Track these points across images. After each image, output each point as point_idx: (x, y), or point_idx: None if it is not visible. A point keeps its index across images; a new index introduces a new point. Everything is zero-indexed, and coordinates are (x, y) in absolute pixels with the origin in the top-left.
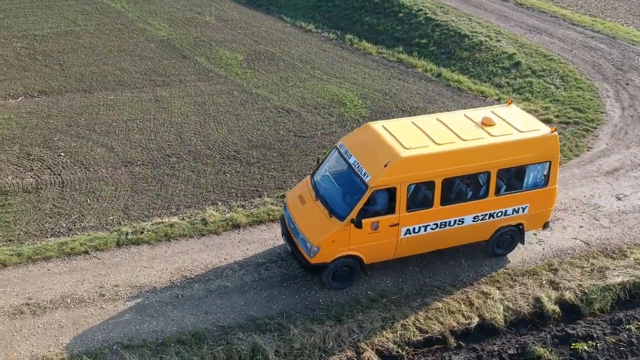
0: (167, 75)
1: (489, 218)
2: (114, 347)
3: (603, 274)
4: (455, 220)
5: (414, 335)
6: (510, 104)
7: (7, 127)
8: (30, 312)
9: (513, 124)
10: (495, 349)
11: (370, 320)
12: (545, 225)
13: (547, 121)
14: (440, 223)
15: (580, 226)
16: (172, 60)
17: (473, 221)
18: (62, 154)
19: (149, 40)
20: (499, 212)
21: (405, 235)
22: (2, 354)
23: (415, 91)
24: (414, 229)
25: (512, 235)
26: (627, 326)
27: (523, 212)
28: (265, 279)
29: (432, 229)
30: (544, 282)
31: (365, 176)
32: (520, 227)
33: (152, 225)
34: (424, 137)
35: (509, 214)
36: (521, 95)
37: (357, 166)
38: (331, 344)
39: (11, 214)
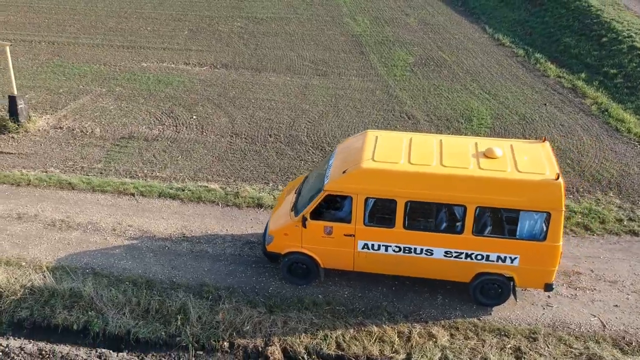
0: (332, 67)
1: (465, 258)
2: (87, 270)
3: None
4: (422, 249)
5: (329, 348)
6: (544, 141)
7: (175, 88)
8: (58, 227)
9: (517, 162)
10: None
11: (298, 320)
12: (548, 288)
13: None
14: (404, 247)
15: (616, 305)
16: (348, 54)
17: (445, 256)
18: (194, 117)
19: (342, 34)
20: (478, 254)
21: (363, 249)
22: (17, 250)
23: (559, 122)
24: (372, 245)
25: (501, 287)
26: None
27: (512, 263)
28: (244, 256)
29: (394, 251)
30: (507, 347)
31: (327, 179)
32: (512, 280)
33: (194, 186)
34: (403, 153)
35: (492, 260)
36: None
37: (329, 169)
38: (247, 327)
39: (120, 154)
